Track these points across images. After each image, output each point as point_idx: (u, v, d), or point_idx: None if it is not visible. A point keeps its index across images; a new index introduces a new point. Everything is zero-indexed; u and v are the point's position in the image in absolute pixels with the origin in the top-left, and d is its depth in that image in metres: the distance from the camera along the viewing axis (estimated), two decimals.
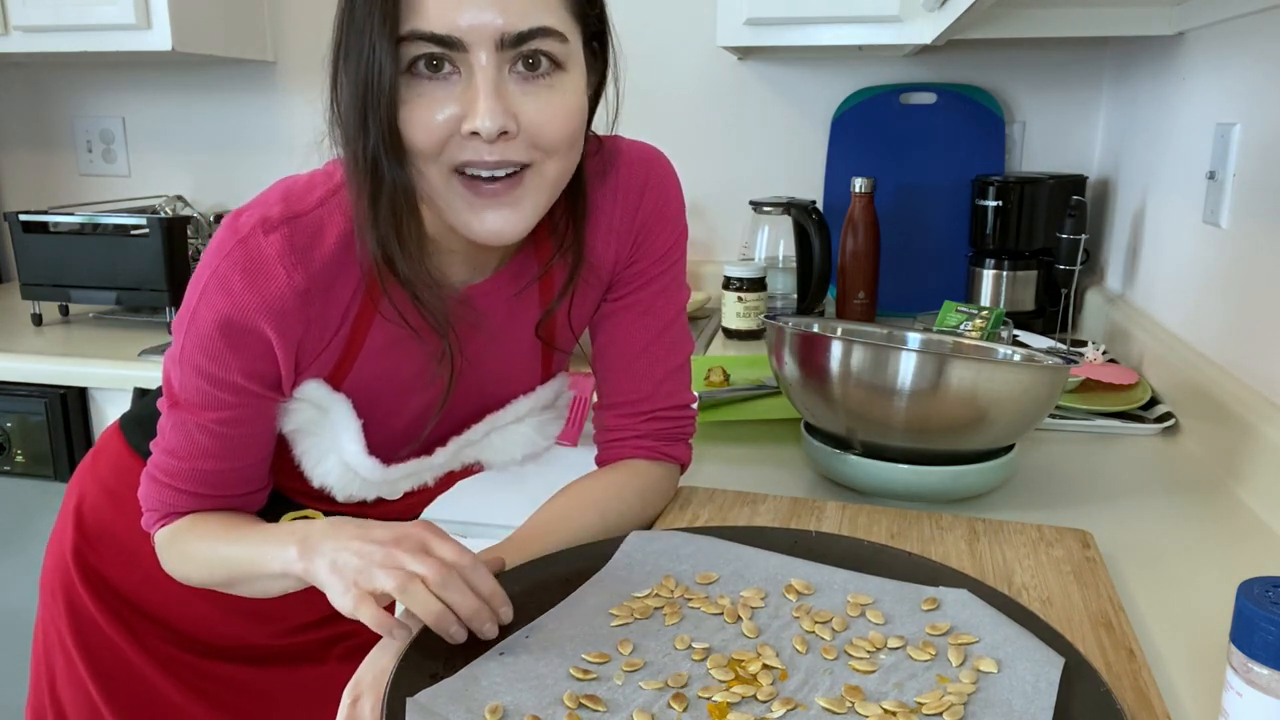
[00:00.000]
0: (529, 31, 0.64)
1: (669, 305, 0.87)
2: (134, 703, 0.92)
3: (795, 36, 1.53)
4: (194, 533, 0.77)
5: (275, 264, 0.68)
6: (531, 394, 0.89)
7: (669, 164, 0.86)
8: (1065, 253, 1.47)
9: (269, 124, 2.13)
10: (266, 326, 0.69)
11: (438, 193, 0.68)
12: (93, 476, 0.93)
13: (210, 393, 0.72)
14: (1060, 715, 0.55)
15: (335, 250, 0.71)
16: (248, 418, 0.74)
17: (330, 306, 0.72)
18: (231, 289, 0.68)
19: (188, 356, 0.71)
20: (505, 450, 0.89)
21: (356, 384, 0.77)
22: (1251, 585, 0.50)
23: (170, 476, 0.77)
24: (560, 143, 0.68)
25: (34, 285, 1.78)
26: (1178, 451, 1.11)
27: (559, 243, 0.79)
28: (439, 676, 0.57)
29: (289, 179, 0.74)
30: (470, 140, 0.65)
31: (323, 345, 0.74)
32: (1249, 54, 1.11)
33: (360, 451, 0.79)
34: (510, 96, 0.65)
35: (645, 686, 0.58)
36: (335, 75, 0.66)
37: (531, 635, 0.63)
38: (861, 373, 0.89)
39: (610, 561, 0.73)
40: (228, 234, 0.70)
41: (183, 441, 0.75)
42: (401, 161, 0.66)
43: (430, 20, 0.62)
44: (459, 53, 0.63)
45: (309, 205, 0.71)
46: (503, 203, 0.68)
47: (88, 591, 0.91)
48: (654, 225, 0.84)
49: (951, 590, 0.68)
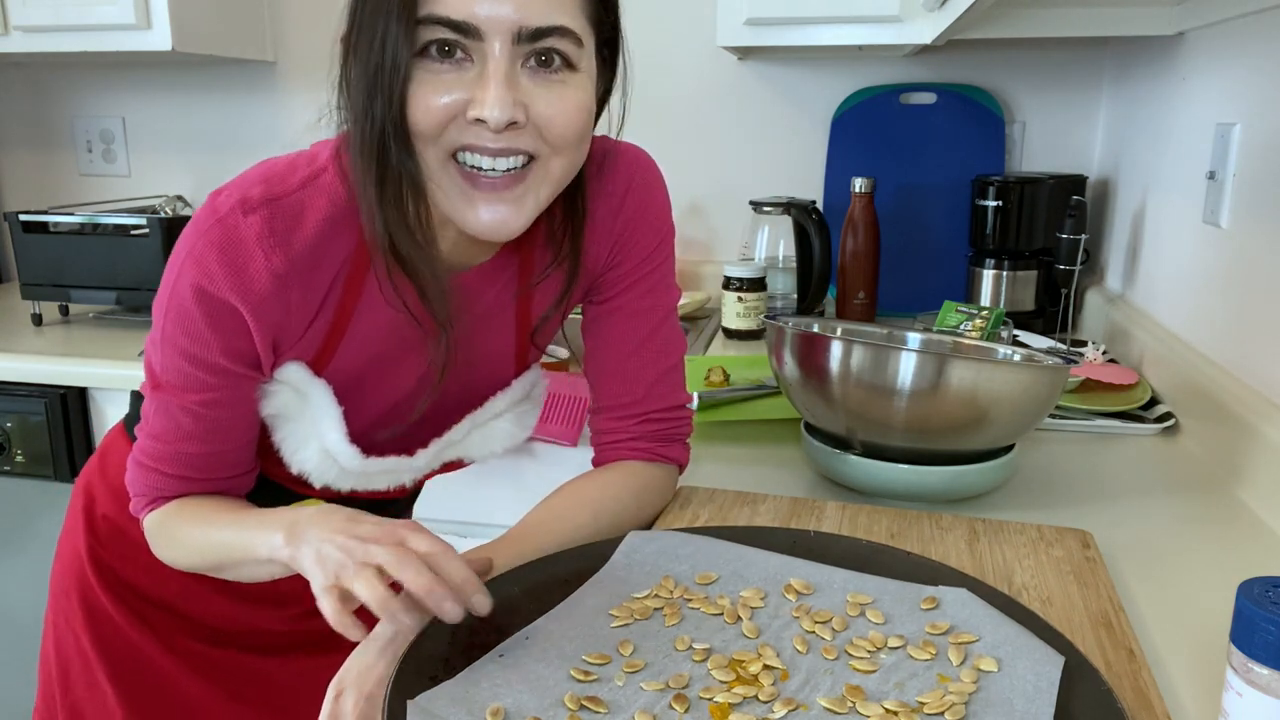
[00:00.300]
0: (546, 28, 0.64)
1: (657, 307, 0.86)
2: (151, 700, 0.92)
3: (795, 36, 1.53)
4: (181, 516, 0.77)
5: (254, 245, 0.68)
6: (508, 389, 0.89)
7: (654, 166, 0.86)
8: (1065, 253, 1.47)
9: (269, 124, 2.13)
10: (243, 307, 0.69)
11: (433, 177, 0.67)
12: (101, 477, 0.93)
13: (192, 373, 0.72)
14: (1061, 714, 0.55)
15: (316, 234, 0.70)
16: (230, 399, 0.74)
17: (311, 290, 0.72)
18: (209, 269, 0.68)
19: (168, 337, 0.71)
20: (486, 445, 0.90)
21: (339, 368, 0.77)
22: (1251, 585, 0.50)
23: (155, 460, 0.76)
24: (569, 138, 0.68)
25: (34, 285, 1.78)
26: (1178, 451, 1.11)
27: (556, 249, 0.78)
28: (439, 679, 0.57)
29: (270, 160, 0.73)
30: (473, 126, 0.64)
31: (304, 329, 0.73)
32: (1249, 54, 1.11)
33: (341, 439, 0.78)
34: (521, 88, 0.65)
35: (646, 687, 0.58)
36: (346, 55, 0.66)
37: (531, 637, 0.63)
38: (861, 373, 0.89)
39: (609, 562, 0.73)
40: (206, 212, 0.69)
41: (166, 424, 0.75)
42: (409, 145, 0.65)
43: (449, 6, 0.62)
44: (474, 40, 0.63)
45: (290, 187, 0.70)
46: (502, 198, 0.67)
47: (104, 591, 0.91)
48: (636, 228, 0.83)
49: (951, 589, 0.68)
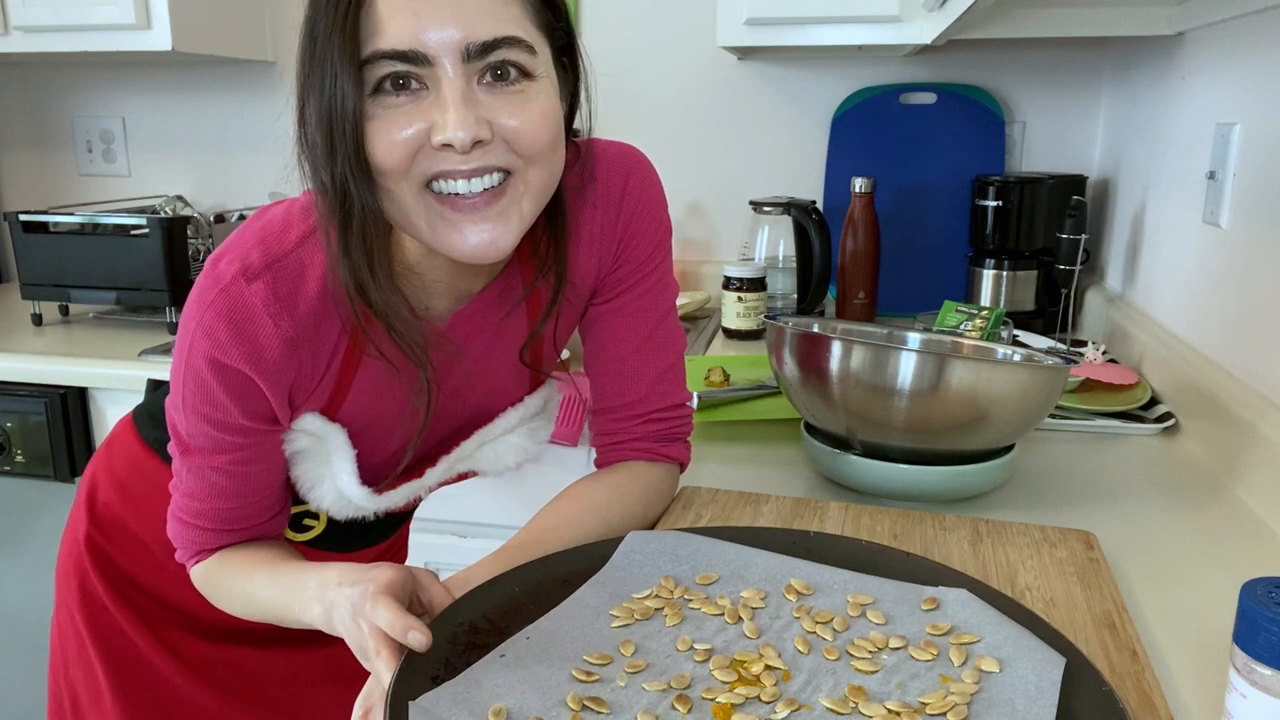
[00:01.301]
0: (494, 41, 0.62)
1: (657, 305, 0.86)
2: (138, 688, 0.93)
3: (795, 36, 1.53)
4: (223, 574, 0.78)
5: (260, 313, 0.68)
6: (520, 405, 0.88)
7: (647, 163, 0.84)
8: (1065, 253, 1.47)
9: (269, 124, 2.13)
10: (257, 374, 0.69)
11: (412, 212, 0.66)
12: (106, 466, 0.95)
13: (217, 437, 0.73)
14: (1063, 715, 0.55)
15: (318, 292, 0.70)
16: (257, 455, 0.75)
17: (319, 349, 0.72)
18: (219, 339, 0.68)
19: (190, 405, 0.72)
20: (498, 460, 0.89)
21: (350, 414, 0.78)
22: (1254, 586, 0.50)
23: (194, 517, 0.78)
24: (540, 146, 0.66)
25: (34, 285, 1.77)
26: (1178, 451, 1.11)
27: (541, 263, 0.78)
28: (440, 679, 0.57)
29: (265, 215, 0.73)
30: (441, 153, 0.63)
31: (314, 385, 0.74)
32: (1249, 54, 1.11)
33: (353, 482, 0.79)
34: (481, 105, 0.63)
35: (649, 688, 0.58)
36: (302, 107, 0.65)
37: (532, 637, 0.63)
38: (861, 373, 0.89)
39: (609, 562, 0.73)
40: (209, 281, 0.69)
41: (199, 484, 0.76)
42: (371, 187, 0.64)
43: (391, 39, 0.61)
44: (424, 68, 0.62)
45: (287, 247, 0.70)
46: (485, 217, 0.66)
47: (99, 577, 0.92)
48: (636, 230, 0.83)
49: (951, 590, 0.68)
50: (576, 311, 0.86)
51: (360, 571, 0.65)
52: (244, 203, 2.16)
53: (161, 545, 0.88)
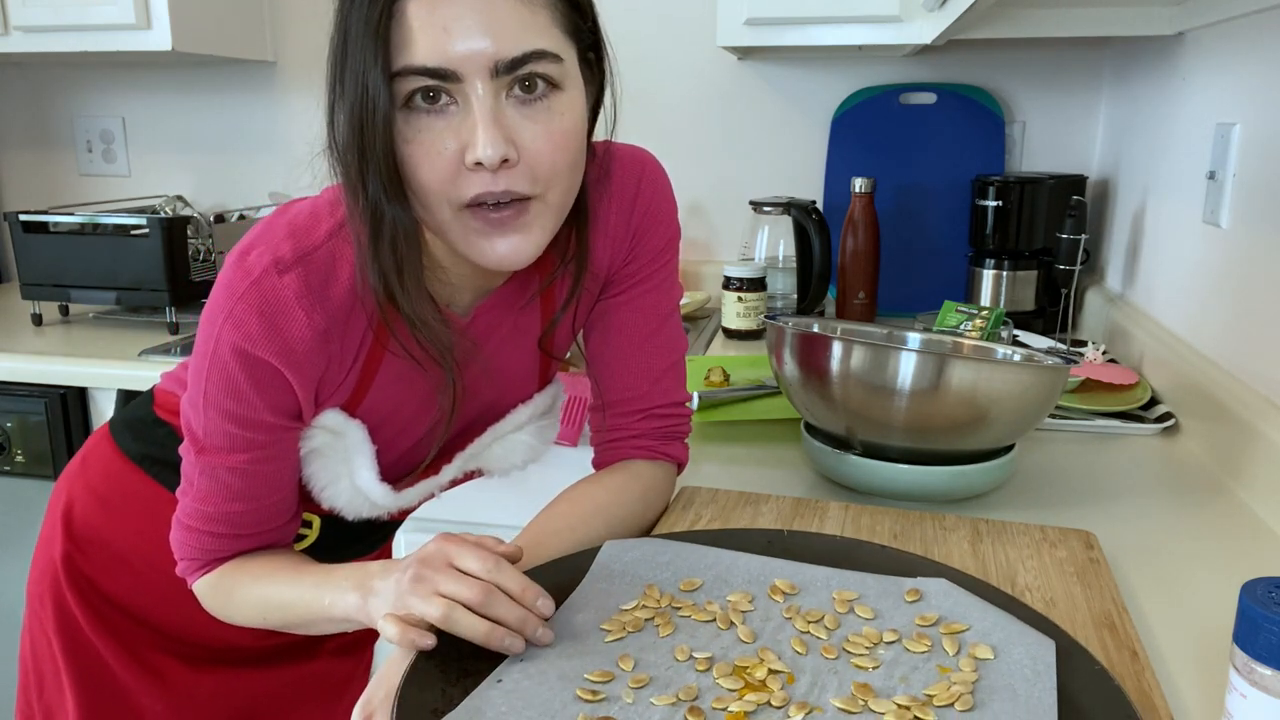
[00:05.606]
0: (523, 56, 0.63)
1: (662, 303, 0.87)
2: (107, 712, 0.91)
3: (795, 36, 1.53)
4: (238, 578, 0.77)
5: (294, 306, 0.68)
6: (530, 401, 0.89)
7: (659, 165, 0.86)
8: (1065, 253, 1.47)
9: (269, 124, 2.13)
10: (286, 366, 0.69)
11: (448, 228, 0.67)
12: (82, 481, 0.92)
13: (238, 434, 0.72)
14: (1060, 695, 0.56)
15: (349, 285, 0.70)
16: (275, 454, 0.75)
17: (347, 341, 0.72)
18: (249, 332, 0.68)
19: (212, 401, 0.71)
20: (507, 458, 0.90)
21: (371, 408, 0.78)
22: (1254, 586, 0.50)
23: (204, 523, 0.76)
24: (560, 171, 0.67)
25: (34, 285, 1.77)
26: (1178, 451, 1.11)
27: (561, 253, 0.79)
28: (440, 712, 0.55)
29: (292, 209, 0.73)
30: (476, 172, 0.64)
31: (341, 378, 0.74)
32: (1249, 54, 1.11)
33: (373, 479, 0.79)
34: (509, 123, 0.64)
35: (658, 702, 0.57)
36: (332, 111, 0.66)
37: (526, 659, 0.61)
38: (861, 373, 0.89)
39: (588, 574, 0.71)
40: (238, 274, 0.69)
41: (213, 486, 0.74)
42: (402, 199, 0.65)
43: (422, 54, 0.61)
44: (454, 84, 0.63)
45: (318, 240, 0.70)
46: (511, 229, 0.67)
47: (76, 599, 0.90)
48: (649, 225, 0.84)
49: (931, 580, 0.69)
50: (591, 299, 0.86)
51: (402, 564, 0.65)
52: (244, 203, 2.16)
53: (145, 561, 0.86)
